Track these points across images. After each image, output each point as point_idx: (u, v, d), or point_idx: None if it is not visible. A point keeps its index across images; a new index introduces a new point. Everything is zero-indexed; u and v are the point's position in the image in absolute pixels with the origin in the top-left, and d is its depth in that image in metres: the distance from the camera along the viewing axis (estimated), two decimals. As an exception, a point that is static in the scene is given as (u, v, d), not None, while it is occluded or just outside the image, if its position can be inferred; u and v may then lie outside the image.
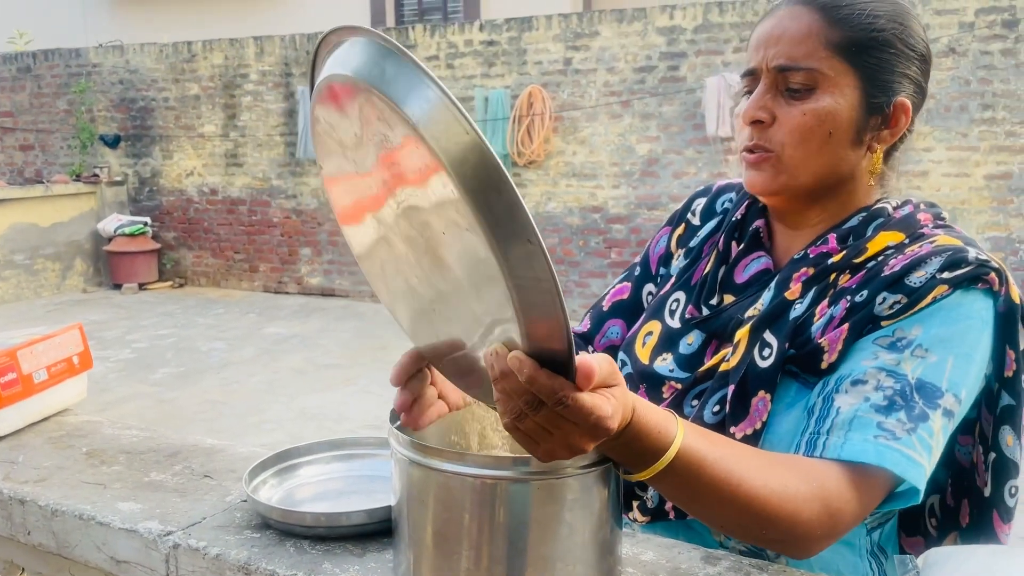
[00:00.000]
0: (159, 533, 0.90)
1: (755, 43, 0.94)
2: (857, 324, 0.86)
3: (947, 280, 0.84)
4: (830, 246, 0.94)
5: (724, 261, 1.02)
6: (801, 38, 0.90)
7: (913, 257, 0.87)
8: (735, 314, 0.96)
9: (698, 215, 1.12)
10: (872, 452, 0.79)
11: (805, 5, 0.92)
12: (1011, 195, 6.09)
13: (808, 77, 0.90)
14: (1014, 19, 5.92)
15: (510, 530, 0.70)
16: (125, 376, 5.81)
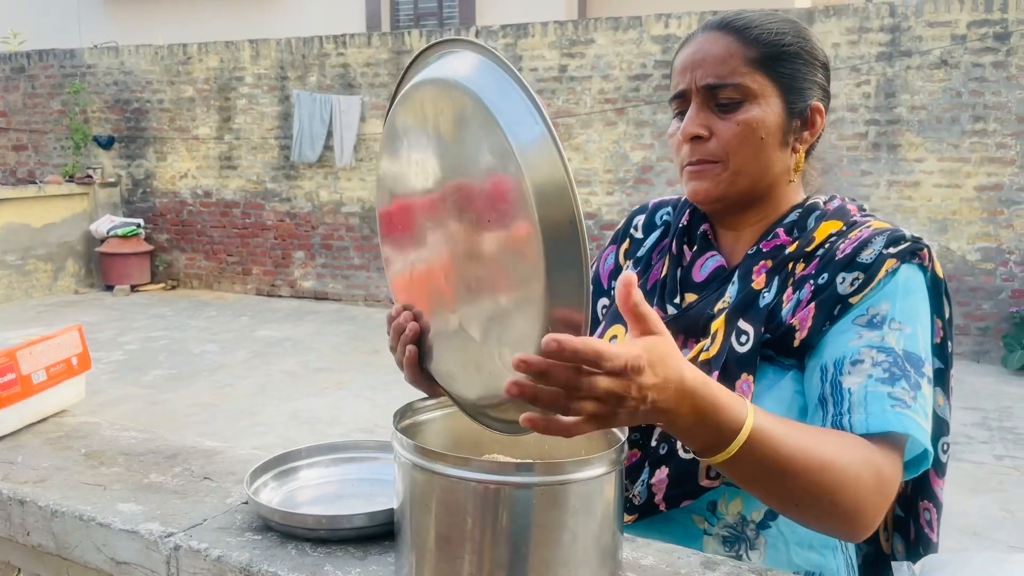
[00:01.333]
0: (160, 534, 0.90)
1: (680, 68, 1.04)
2: (823, 303, 0.95)
3: (893, 254, 0.95)
4: (782, 239, 1.04)
5: (679, 264, 1.10)
6: (723, 58, 1.00)
7: (859, 239, 0.98)
8: (704, 309, 1.03)
9: (640, 229, 1.21)
10: (895, 420, 0.87)
11: (720, 30, 1.02)
12: (1001, 206, 6.14)
13: (735, 91, 1.00)
14: (1006, 32, 5.98)
15: (513, 535, 0.71)
16: (117, 378, 5.79)
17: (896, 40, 6.27)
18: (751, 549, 0.99)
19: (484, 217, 0.73)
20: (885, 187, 6.42)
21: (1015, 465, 4.30)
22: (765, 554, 0.99)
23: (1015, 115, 6.01)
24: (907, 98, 6.28)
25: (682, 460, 0.97)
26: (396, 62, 7.87)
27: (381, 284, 8.27)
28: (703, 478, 0.97)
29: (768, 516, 0.99)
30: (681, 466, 0.97)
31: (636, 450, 1.04)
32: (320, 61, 8.18)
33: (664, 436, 1.00)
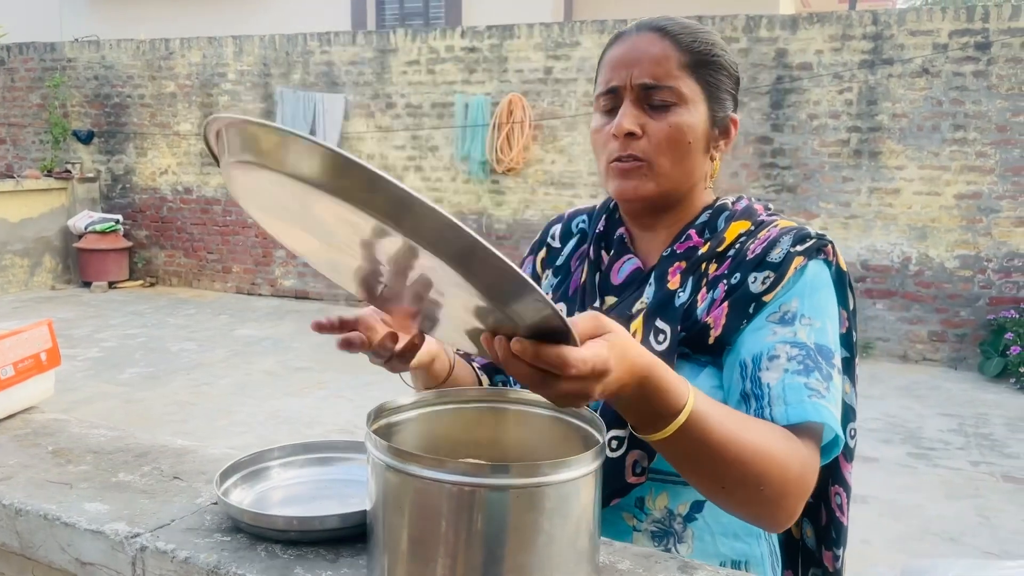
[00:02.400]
0: (126, 535, 0.88)
1: (613, 64, 1.05)
2: (736, 302, 1.00)
3: (800, 252, 1.00)
4: (694, 240, 1.07)
5: (597, 268, 1.13)
6: (660, 60, 1.02)
7: (768, 239, 1.02)
8: (623, 311, 1.06)
9: (557, 238, 1.24)
10: (812, 410, 0.91)
11: (656, 31, 1.04)
12: (980, 215, 6.19)
13: (670, 94, 1.02)
14: (987, 42, 6.04)
15: (488, 538, 0.69)
16: (92, 375, 5.72)
17: (878, 48, 6.32)
18: (679, 542, 1.02)
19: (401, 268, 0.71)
20: (866, 194, 6.46)
21: (991, 471, 4.34)
22: (693, 546, 1.02)
23: (995, 124, 6.08)
24: (888, 106, 6.33)
25: (609, 460, 0.97)
26: (381, 61, 7.84)
27: (363, 284, 8.22)
28: (630, 475, 0.99)
29: (694, 508, 1.02)
30: (608, 465, 0.95)
31: None
32: (304, 59, 8.13)
33: None
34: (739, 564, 1.04)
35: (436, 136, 7.73)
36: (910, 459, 4.51)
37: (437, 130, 7.71)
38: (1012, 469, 4.38)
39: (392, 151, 7.91)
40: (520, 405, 0.88)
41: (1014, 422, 5.14)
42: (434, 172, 7.79)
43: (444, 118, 7.66)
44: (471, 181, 7.63)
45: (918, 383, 5.94)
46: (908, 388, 5.82)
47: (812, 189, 6.60)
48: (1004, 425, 5.07)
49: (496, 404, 0.90)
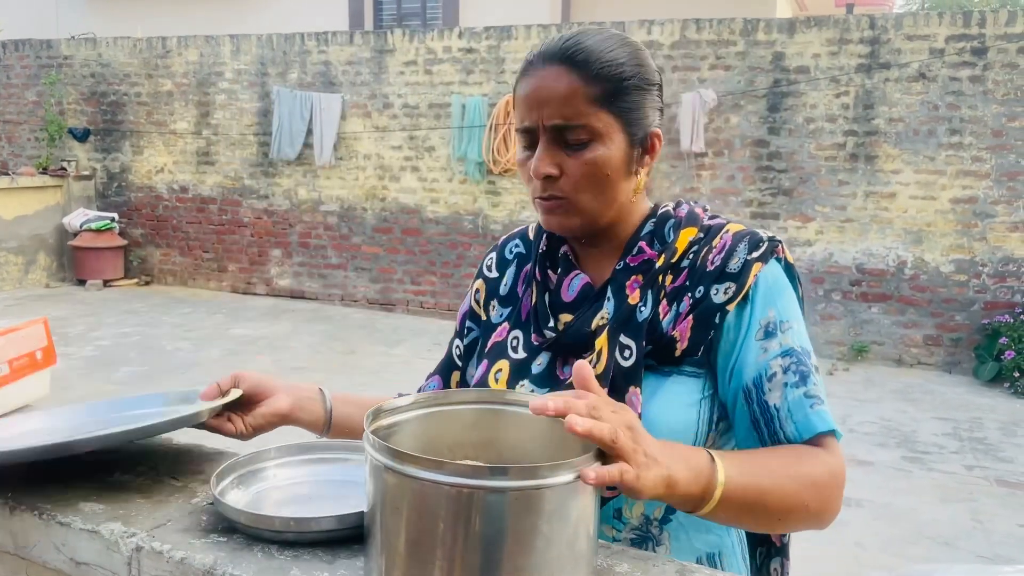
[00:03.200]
0: (122, 535, 0.87)
1: (526, 103, 1.04)
2: (701, 315, 1.02)
3: (757, 258, 1.03)
4: (648, 253, 1.07)
5: (546, 288, 1.13)
6: (567, 98, 1.01)
7: (724, 248, 1.04)
8: (581, 328, 1.06)
9: (494, 268, 1.24)
10: (818, 422, 0.98)
11: (561, 64, 1.02)
12: (975, 219, 6.21)
13: (583, 132, 1.01)
14: (983, 47, 6.06)
15: (485, 540, 0.69)
16: (87, 374, 5.70)
17: (875, 52, 6.33)
18: (657, 545, 1.03)
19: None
20: (862, 198, 6.47)
21: (985, 475, 4.35)
22: (670, 546, 1.03)
23: (991, 129, 6.10)
24: (885, 110, 6.35)
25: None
26: (378, 61, 7.83)
27: (358, 284, 8.22)
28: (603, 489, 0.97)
29: (668, 511, 1.03)
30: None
31: None
32: (301, 58, 8.12)
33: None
34: (713, 556, 1.06)
35: (433, 137, 7.72)
36: (904, 463, 4.52)
37: (434, 131, 7.71)
38: (1006, 473, 4.39)
39: (389, 151, 7.91)
40: (518, 407, 0.88)
41: (1008, 426, 5.15)
42: (430, 172, 7.79)
43: (441, 119, 7.65)
44: (468, 182, 7.63)
45: (913, 387, 5.96)
46: (903, 392, 5.84)
47: (808, 192, 6.61)
48: (998, 429, 5.09)
49: (494, 405, 0.89)
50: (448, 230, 7.78)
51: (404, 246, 7.98)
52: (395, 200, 7.96)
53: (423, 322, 7.66)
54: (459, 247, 7.74)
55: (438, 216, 7.81)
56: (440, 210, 7.80)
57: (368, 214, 8.07)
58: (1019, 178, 6.09)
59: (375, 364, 6.12)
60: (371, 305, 8.15)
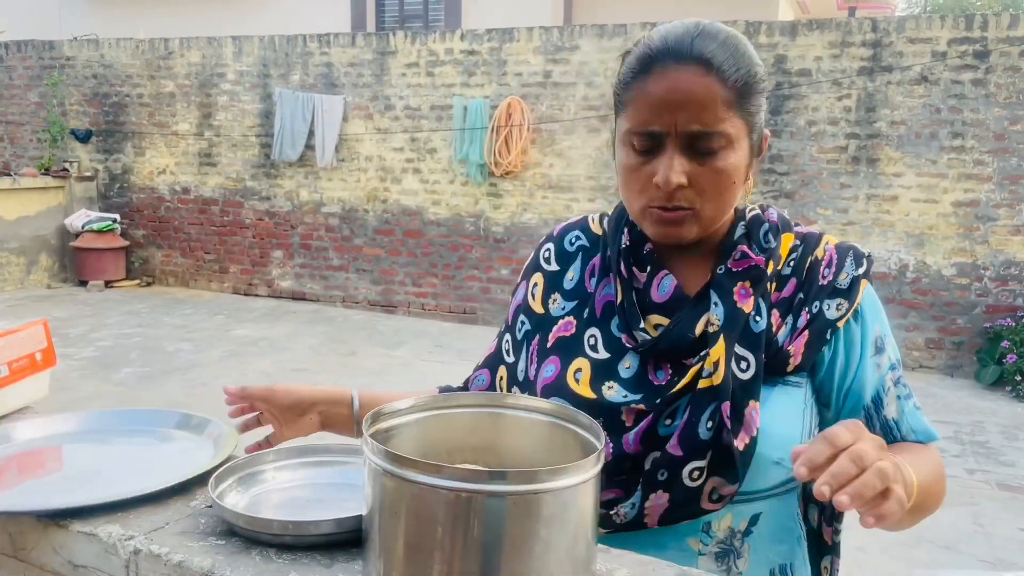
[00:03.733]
0: (120, 537, 0.87)
1: (652, 105, 0.96)
2: (816, 330, 1.01)
3: (862, 275, 1.03)
4: (753, 259, 1.02)
5: (632, 286, 1.06)
6: (706, 103, 0.94)
7: (832, 262, 1.04)
8: (682, 331, 1.01)
9: (553, 261, 1.16)
10: (933, 430, 1.07)
11: (699, 65, 0.94)
12: (977, 222, 6.21)
13: (718, 139, 0.96)
14: (985, 50, 6.05)
15: (484, 545, 0.69)
16: (87, 375, 5.70)
17: (877, 55, 6.33)
18: (738, 558, 1.02)
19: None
20: (864, 200, 6.47)
21: (987, 479, 4.34)
22: (749, 559, 1.01)
23: (993, 132, 6.09)
24: (887, 113, 6.34)
25: (687, 487, 0.97)
26: (380, 63, 7.84)
27: (359, 285, 8.22)
28: (706, 502, 0.97)
29: (751, 523, 1.01)
30: (686, 493, 0.97)
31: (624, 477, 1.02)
32: (303, 60, 8.13)
33: (663, 462, 0.98)
34: (785, 567, 1.05)
35: (435, 138, 7.73)
36: (906, 466, 4.51)
37: (436, 132, 7.71)
38: (1007, 477, 4.39)
39: (390, 153, 7.91)
40: (518, 410, 0.88)
41: (1010, 430, 5.14)
42: (432, 174, 7.79)
43: (443, 120, 7.66)
44: (469, 184, 7.63)
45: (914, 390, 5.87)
46: (904, 395, 5.82)
47: (810, 195, 6.61)
48: (1000, 433, 5.08)
49: (494, 409, 0.89)
50: (449, 232, 7.78)
51: (405, 248, 7.98)
52: (396, 202, 7.96)
53: (424, 324, 7.66)
54: (460, 249, 7.74)
55: (439, 218, 7.81)
56: (441, 212, 7.80)
57: (370, 216, 8.07)
58: (1021, 181, 6.08)
59: (376, 366, 6.12)
60: (372, 307, 8.15)
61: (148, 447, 1.11)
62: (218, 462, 0.99)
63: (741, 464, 0.95)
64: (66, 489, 0.97)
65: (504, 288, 7.61)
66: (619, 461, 1.01)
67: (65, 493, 0.96)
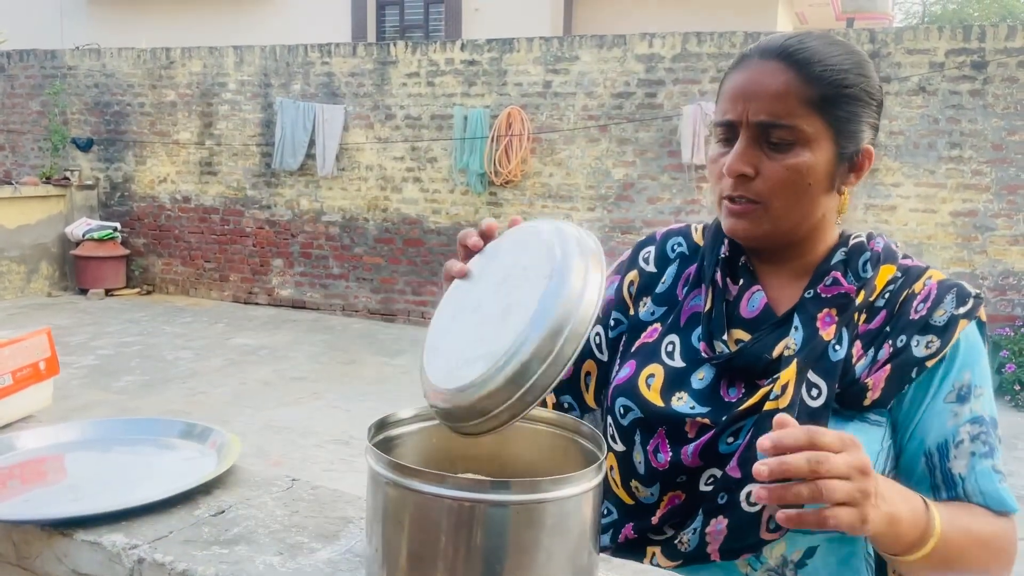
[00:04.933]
0: (124, 546, 0.88)
1: (732, 95, 0.98)
2: (899, 367, 0.96)
3: (963, 315, 0.96)
4: (845, 287, 0.99)
5: (723, 298, 1.05)
6: (780, 95, 0.94)
7: (930, 297, 0.97)
8: (761, 352, 0.99)
9: (652, 263, 1.15)
10: (1008, 499, 0.95)
11: (779, 60, 0.96)
12: (975, 232, 6.22)
13: (789, 133, 0.95)
14: (983, 61, 6.08)
15: (487, 554, 0.69)
16: (88, 383, 5.70)
17: (876, 66, 6.31)
18: None
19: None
20: (862, 210, 6.48)
21: (986, 489, 4.34)
22: None
23: (991, 143, 6.11)
24: (885, 123, 6.36)
25: (744, 512, 0.94)
26: (381, 73, 7.86)
27: (359, 294, 8.23)
28: (764, 531, 0.94)
29: (806, 555, 0.98)
30: (743, 518, 0.95)
31: (681, 492, 1.00)
32: (304, 69, 8.16)
33: (723, 484, 0.96)
34: None
35: (435, 148, 7.75)
36: (905, 476, 4.51)
37: (436, 142, 7.73)
38: (1007, 487, 4.38)
39: (391, 162, 7.93)
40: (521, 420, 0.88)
41: (1009, 440, 5.14)
42: (432, 183, 7.81)
43: (443, 130, 7.68)
44: (469, 193, 7.64)
45: (914, 400, 5.94)
46: (904, 405, 5.83)
47: (809, 205, 6.62)
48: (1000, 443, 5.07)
49: (496, 419, 0.89)
50: (449, 241, 7.79)
51: (405, 256, 7.99)
52: (397, 211, 7.98)
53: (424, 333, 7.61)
54: (460, 258, 7.74)
55: (440, 227, 7.83)
56: (442, 221, 7.82)
57: (370, 224, 8.09)
58: (1019, 191, 6.10)
59: (376, 374, 6.12)
60: (372, 315, 8.15)
61: (151, 456, 1.11)
62: (222, 471, 0.99)
63: None
64: (70, 498, 0.98)
65: (504, 297, 7.60)
66: (675, 471, 1.00)
67: (69, 502, 0.96)
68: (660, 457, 1.01)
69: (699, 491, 0.98)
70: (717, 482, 0.97)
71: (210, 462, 1.05)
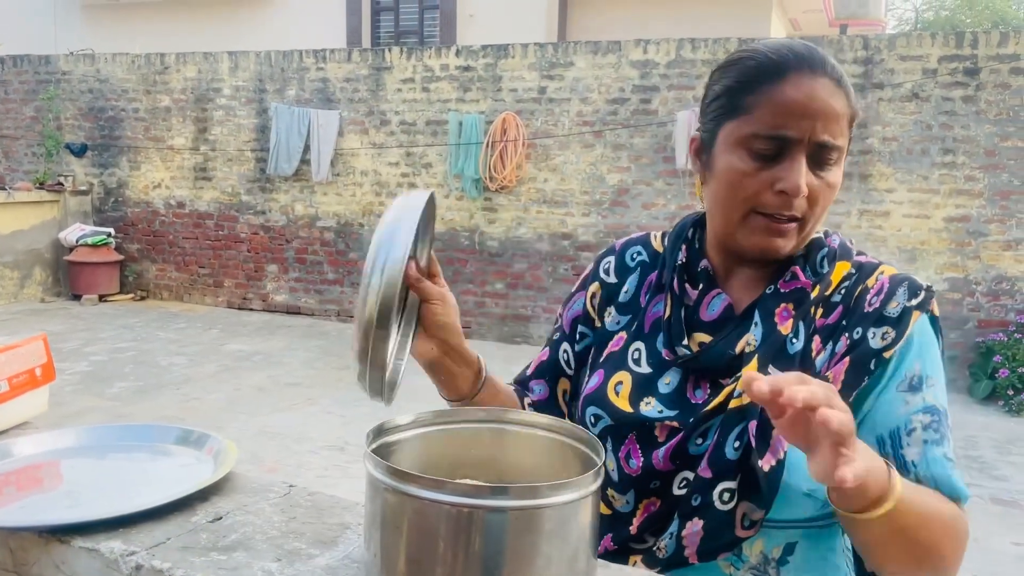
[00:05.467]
0: (121, 553, 0.88)
1: (790, 110, 0.95)
2: (857, 359, 0.96)
3: (915, 306, 0.97)
4: (802, 281, 1.01)
5: (682, 303, 1.06)
6: (838, 116, 0.96)
7: (882, 290, 0.99)
8: (723, 350, 1.01)
9: (612, 273, 1.17)
10: (959, 485, 0.94)
11: (828, 77, 0.96)
12: (968, 238, 6.25)
13: (838, 154, 0.98)
14: (975, 67, 6.11)
15: (486, 559, 0.69)
16: (81, 389, 5.69)
17: (869, 72, 6.39)
18: None
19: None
20: (856, 216, 6.51)
21: (980, 494, 4.35)
22: None
23: (983, 149, 6.14)
24: (879, 129, 6.40)
25: (719, 512, 0.96)
26: (376, 78, 7.87)
27: (354, 299, 8.20)
28: (739, 529, 0.96)
29: (786, 552, 0.99)
30: (718, 518, 0.96)
31: (656, 498, 1.02)
32: (299, 75, 8.16)
33: (695, 486, 0.98)
34: None
35: (430, 153, 7.75)
36: (900, 481, 4.52)
37: (431, 147, 7.74)
38: (1000, 492, 4.40)
39: (386, 167, 7.93)
40: (519, 426, 0.89)
41: (1003, 445, 5.16)
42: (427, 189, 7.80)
43: (438, 135, 7.69)
44: (464, 198, 7.65)
45: (908, 405, 5.95)
46: (898, 410, 5.84)
47: (803, 211, 6.64)
48: (993, 448, 5.09)
49: (495, 424, 0.90)
50: (445, 246, 7.80)
51: (400, 262, 7.97)
52: (391, 216, 7.96)
53: (419, 338, 7.64)
54: (456, 263, 7.76)
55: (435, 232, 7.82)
56: (436, 226, 7.80)
57: (365, 230, 8.08)
58: (1012, 197, 6.13)
59: (371, 380, 6.11)
60: (367, 321, 8.13)
61: (148, 462, 1.11)
62: (219, 477, 0.99)
63: (767, 486, 0.93)
64: (67, 505, 0.98)
65: (499, 302, 7.61)
66: (648, 476, 1.01)
67: (66, 509, 0.96)
68: (632, 463, 1.03)
69: (673, 495, 1.00)
70: (690, 484, 0.98)
71: (207, 468, 1.05)
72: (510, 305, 7.58)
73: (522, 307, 7.55)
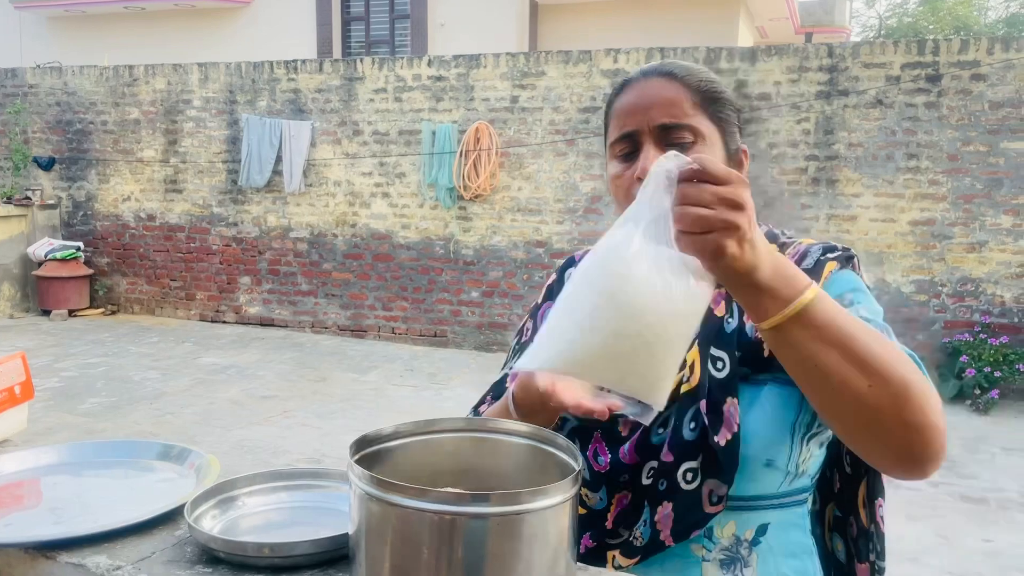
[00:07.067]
0: (107, 567, 0.89)
1: (626, 111, 1.07)
2: None
3: (831, 259, 1.03)
4: None
5: None
6: (673, 101, 1.04)
7: (797, 253, 1.06)
8: None
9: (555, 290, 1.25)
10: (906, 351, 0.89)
11: (662, 76, 1.07)
12: (934, 240, 6.37)
13: (688, 132, 1.04)
14: (937, 74, 6.25)
15: (468, 565, 0.72)
16: (52, 406, 5.61)
17: (834, 80, 6.50)
18: (745, 567, 1.03)
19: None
20: (824, 220, 6.61)
21: (949, 492, 4.44)
22: (757, 569, 1.03)
23: (946, 153, 6.28)
24: (845, 135, 6.51)
25: (685, 492, 1.00)
26: (348, 88, 7.87)
27: (328, 310, 8.19)
28: (707, 505, 1.00)
29: (759, 532, 1.03)
30: (686, 498, 1.00)
31: (627, 492, 1.06)
32: (270, 86, 8.14)
33: (661, 472, 1.02)
34: None
35: (403, 163, 7.76)
36: (871, 481, 4.59)
37: (404, 157, 7.75)
38: (969, 489, 4.48)
39: (359, 177, 7.93)
40: (499, 434, 0.91)
41: (971, 443, 5.26)
42: (401, 198, 7.82)
43: (411, 145, 7.70)
44: (438, 207, 7.66)
45: (878, 406, 6.04)
46: (868, 411, 5.92)
47: (772, 215, 6.73)
48: (961, 447, 5.19)
49: (475, 433, 0.92)
50: (419, 255, 7.80)
51: (375, 272, 7.98)
52: (366, 226, 7.97)
53: (395, 348, 7.65)
54: (431, 272, 7.76)
55: (409, 242, 7.83)
56: (411, 235, 7.82)
57: (338, 240, 8.07)
58: (974, 200, 6.27)
59: (346, 391, 6.10)
60: (342, 332, 8.12)
61: (131, 478, 1.12)
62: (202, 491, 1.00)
63: (726, 460, 0.98)
64: (52, 521, 0.98)
65: (475, 310, 7.63)
66: (617, 471, 1.06)
67: (51, 525, 0.97)
68: (601, 460, 1.08)
69: (642, 486, 1.05)
70: (655, 472, 1.03)
71: (189, 483, 1.06)
72: (486, 313, 7.60)
73: (498, 315, 7.57)
